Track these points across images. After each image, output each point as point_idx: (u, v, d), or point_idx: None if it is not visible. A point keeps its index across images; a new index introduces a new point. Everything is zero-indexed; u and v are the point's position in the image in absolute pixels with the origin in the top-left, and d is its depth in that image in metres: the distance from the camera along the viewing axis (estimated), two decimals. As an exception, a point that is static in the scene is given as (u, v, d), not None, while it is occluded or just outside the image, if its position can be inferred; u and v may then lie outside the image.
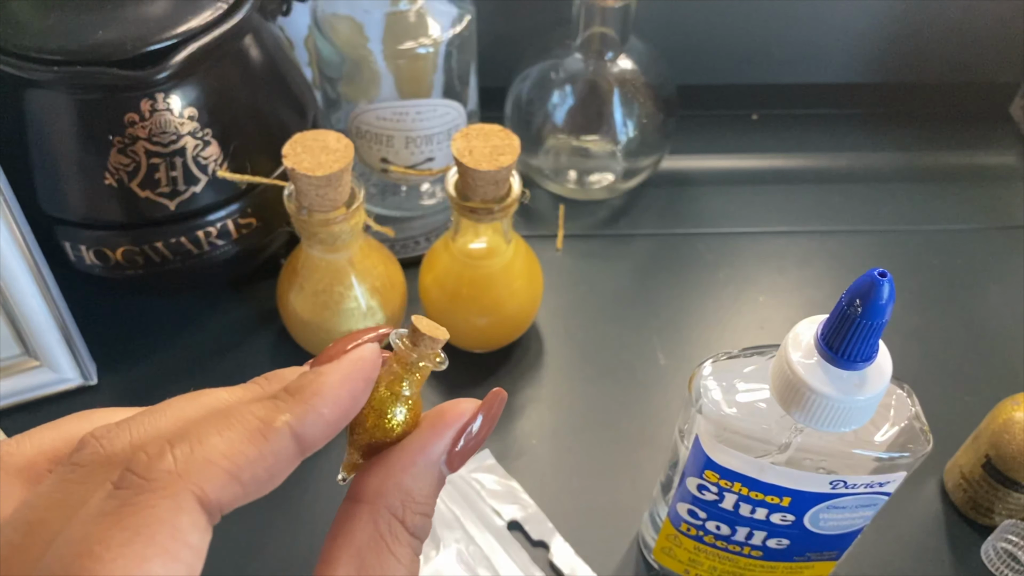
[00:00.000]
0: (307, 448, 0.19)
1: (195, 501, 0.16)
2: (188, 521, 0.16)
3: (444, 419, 0.21)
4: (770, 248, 0.60)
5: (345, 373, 0.19)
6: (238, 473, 0.17)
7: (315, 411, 0.18)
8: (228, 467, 0.17)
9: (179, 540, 0.16)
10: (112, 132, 0.42)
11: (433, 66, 0.53)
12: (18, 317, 0.45)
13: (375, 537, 0.19)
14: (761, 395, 0.32)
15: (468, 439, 0.21)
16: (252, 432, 0.18)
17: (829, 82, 0.72)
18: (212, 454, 0.17)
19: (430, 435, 0.21)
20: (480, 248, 0.47)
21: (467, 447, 0.21)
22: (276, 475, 0.18)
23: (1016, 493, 0.42)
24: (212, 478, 0.17)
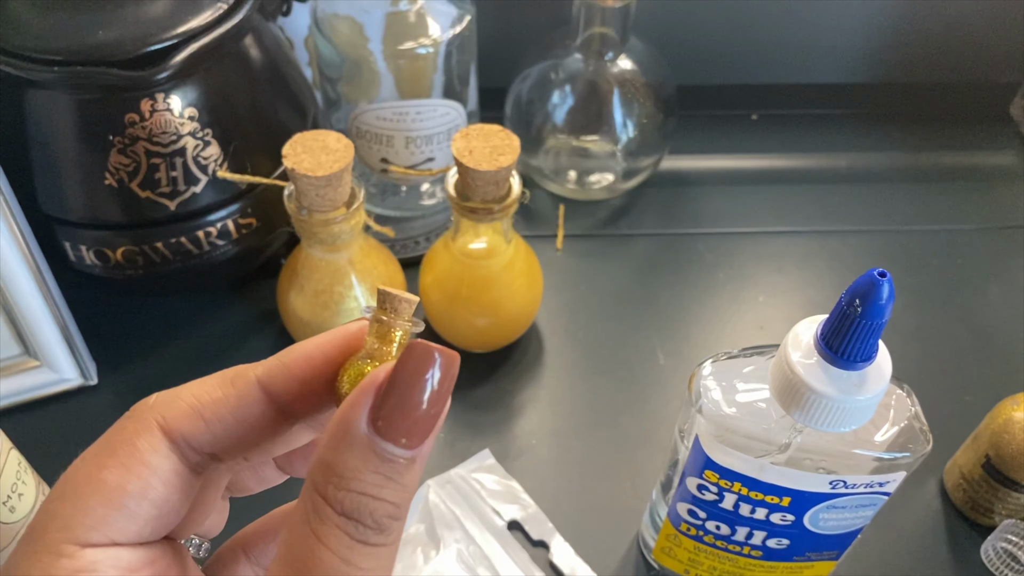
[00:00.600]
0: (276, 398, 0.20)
1: (156, 427, 0.19)
2: (146, 442, 0.19)
3: (360, 385, 0.18)
4: (770, 248, 0.60)
5: (320, 338, 0.20)
6: (201, 409, 0.19)
7: (280, 363, 0.20)
8: (191, 402, 0.19)
9: (135, 457, 0.19)
10: (112, 132, 0.42)
11: (433, 66, 0.53)
12: (18, 317, 0.45)
13: (302, 517, 0.18)
14: (761, 395, 0.32)
15: (394, 399, 0.18)
16: (222, 379, 0.20)
17: (829, 82, 0.72)
18: (182, 393, 0.20)
19: (345, 403, 0.18)
20: (480, 248, 0.47)
21: (396, 410, 0.18)
22: (244, 421, 0.20)
23: (1016, 493, 0.42)
24: (175, 410, 0.19)
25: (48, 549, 0.18)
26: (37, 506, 0.41)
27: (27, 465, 0.41)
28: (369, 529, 0.18)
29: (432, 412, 0.18)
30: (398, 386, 0.18)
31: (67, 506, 0.18)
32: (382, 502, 0.18)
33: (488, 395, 0.51)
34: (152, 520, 0.19)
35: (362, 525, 0.17)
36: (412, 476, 0.18)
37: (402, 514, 0.18)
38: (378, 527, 0.18)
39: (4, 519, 0.39)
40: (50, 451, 0.47)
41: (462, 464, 0.47)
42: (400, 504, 0.18)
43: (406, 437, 0.18)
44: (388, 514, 0.18)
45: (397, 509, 0.18)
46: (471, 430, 0.49)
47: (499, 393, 0.51)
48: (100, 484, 0.19)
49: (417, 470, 0.18)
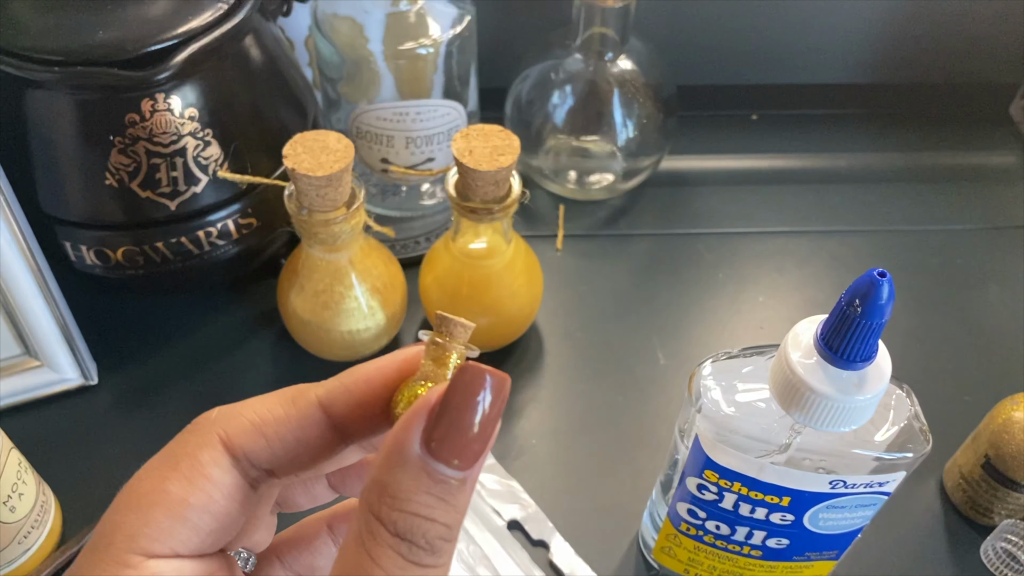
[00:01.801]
0: (335, 419, 0.20)
1: (219, 442, 0.20)
2: (209, 456, 0.19)
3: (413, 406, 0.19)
4: (770, 248, 0.60)
5: (379, 361, 0.20)
6: (262, 426, 0.20)
7: (341, 384, 0.20)
8: (253, 419, 0.20)
9: (198, 470, 0.19)
10: (113, 132, 0.42)
11: (433, 66, 0.53)
12: (19, 317, 0.45)
13: (356, 536, 0.18)
14: (761, 395, 0.32)
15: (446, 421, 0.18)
16: (283, 398, 0.20)
17: (829, 82, 0.72)
18: (244, 410, 0.20)
19: (399, 424, 0.18)
20: (480, 248, 0.47)
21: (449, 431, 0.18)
22: (304, 440, 0.20)
23: (1015, 493, 0.42)
24: (237, 426, 0.20)
25: (113, 559, 0.18)
26: (37, 506, 0.41)
27: (27, 465, 0.41)
28: (422, 550, 0.18)
29: (483, 434, 0.18)
30: (450, 407, 0.18)
31: (131, 517, 0.19)
32: (435, 523, 0.18)
33: (488, 395, 0.51)
34: (212, 533, 0.20)
35: (415, 546, 0.18)
36: (464, 497, 0.18)
37: (453, 535, 0.18)
38: (431, 548, 0.18)
39: (4, 519, 0.39)
40: (50, 451, 0.47)
41: (462, 464, 0.47)
42: (452, 526, 0.18)
43: (458, 458, 0.18)
44: (440, 535, 0.18)
45: (449, 531, 0.18)
46: (471, 430, 0.49)
47: (499, 393, 0.51)
48: (164, 496, 0.19)
49: (468, 491, 0.18)
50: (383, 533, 0.18)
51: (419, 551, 0.18)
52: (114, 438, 0.48)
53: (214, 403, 0.52)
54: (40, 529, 0.42)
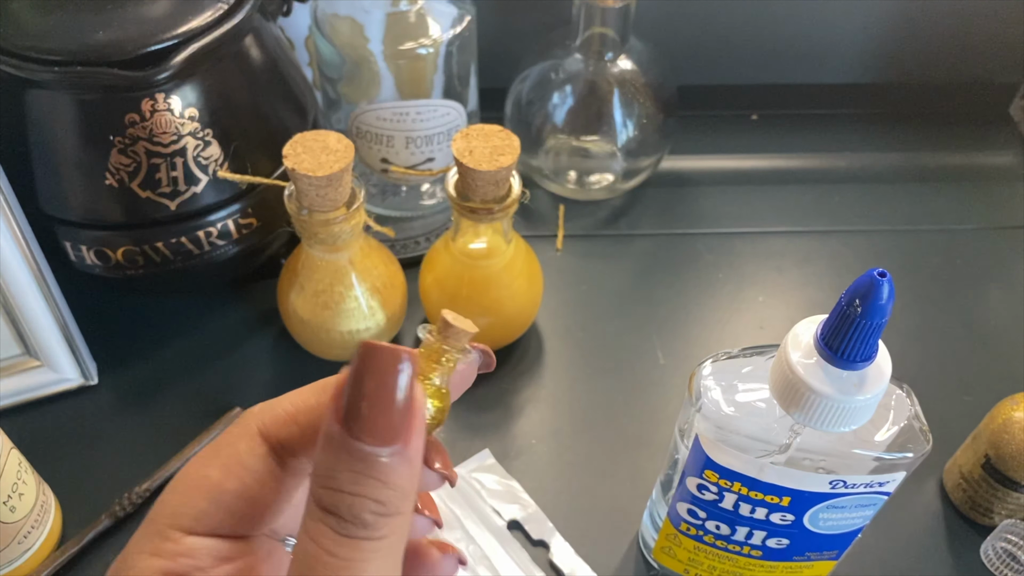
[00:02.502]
0: None
1: (256, 432, 0.21)
2: (245, 445, 0.21)
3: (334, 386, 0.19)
4: (769, 248, 0.60)
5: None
6: (296, 415, 0.21)
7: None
8: (288, 409, 0.21)
9: (235, 459, 0.21)
10: (113, 132, 0.42)
11: (433, 66, 0.53)
12: (19, 317, 0.45)
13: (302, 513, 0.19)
14: (761, 395, 0.32)
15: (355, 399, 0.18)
16: (315, 388, 0.22)
17: (829, 82, 0.72)
18: (283, 401, 0.22)
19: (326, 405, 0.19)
20: (480, 248, 0.47)
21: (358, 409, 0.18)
22: None
23: (1015, 493, 0.42)
24: (274, 416, 0.21)
25: (158, 533, 0.20)
26: (37, 506, 0.41)
27: (27, 465, 0.41)
28: (351, 524, 0.18)
29: (389, 408, 0.18)
30: (355, 386, 0.18)
31: (176, 498, 0.21)
32: (360, 498, 0.18)
33: (488, 395, 0.51)
34: (248, 517, 0.21)
35: (343, 520, 0.18)
36: (398, 475, 0.18)
37: (390, 511, 0.18)
38: (359, 522, 0.18)
39: (4, 519, 0.39)
40: (50, 451, 0.47)
41: (462, 464, 0.47)
42: (385, 501, 0.18)
43: (370, 435, 0.18)
44: (369, 510, 0.18)
45: (381, 506, 0.18)
46: (471, 430, 0.49)
47: (499, 393, 0.51)
48: (204, 480, 0.21)
49: (404, 468, 0.19)
50: (314, 509, 0.18)
51: (347, 525, 0.18)
52: (114, 438, 0.48)
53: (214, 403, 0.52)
54: (40, 529, 0.42)
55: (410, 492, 0.19)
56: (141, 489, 0.45)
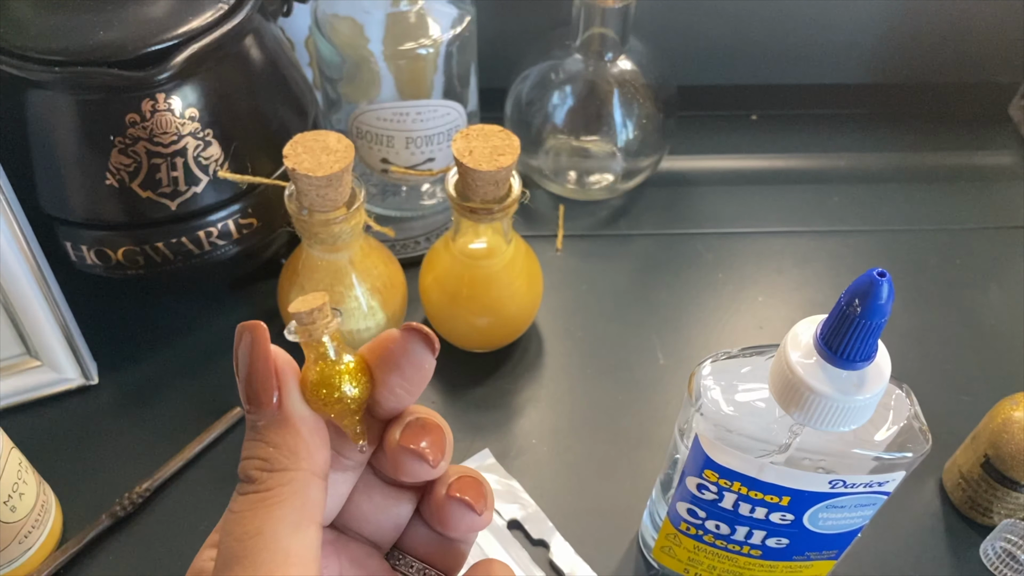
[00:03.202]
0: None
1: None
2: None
3: None
4: (769, 248, 0.60)
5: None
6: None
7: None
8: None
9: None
10: (113, 132, 0.42)
11: (433, 67, 0.53)
12: (19, 317, 0.45)
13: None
14: (760, 395, 0.32)
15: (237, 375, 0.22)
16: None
17: (829, 82, 0.72)
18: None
19: None
20: (480, 248, 0.47)
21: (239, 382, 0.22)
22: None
23: (1015, 492, 0.43)
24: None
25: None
26: (38, 506, 0.41)
27: (28, 465, 0.41)
28: (244, 483, 0.21)
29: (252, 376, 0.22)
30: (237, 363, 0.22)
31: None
32: (250, 459, 0.22)
33: (488, 395, 0.51)
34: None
35: (241, 482, 0.22)
36: (275, 434, 0.21)
37: (275, 466, 0.21)
38: (247, 478, 0.21)
39: (5, 519, 0.39)
40: (51, 451, 0.47)
41: (462, 463, 0.47)
42: (267, 458, 0.21)
43: (248, 403, 0.22)
44: (254, 467, 0.21)
45: (265, 463, 0.21)
46: (471, 430, 0.49)
47: (499, 393, 0.51)
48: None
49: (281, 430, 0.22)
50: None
51: (243, 484, 0.22)
52: (114, 438, 0.48)
53: (214, 403, 0.52)
54: (40, 529, 0.42)
55: (297, 450, 0.21)
56: (141, 489, 0.45)
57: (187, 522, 0.45)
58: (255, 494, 0.21)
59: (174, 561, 0.43)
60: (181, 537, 0.44)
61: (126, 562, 0.43)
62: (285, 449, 0.21)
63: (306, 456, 0.22)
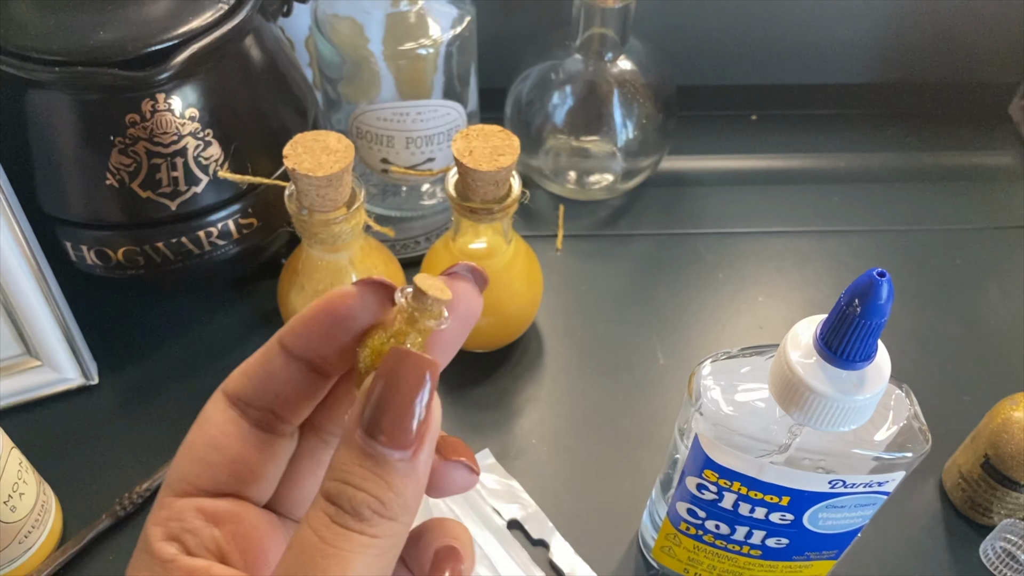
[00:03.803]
0: (295, 355, 0.23)
1: (220, 393, 0.23)
2: (212, 405, 0.23)
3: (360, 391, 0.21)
4: (769, 248, 0.60)
5: (322, 300, 0.22)
6: (246, 369, 0.23)
7: (291, 326, 0.23)
8: (243, 367, 0.23)
9: (204, 417, 0.23)
10: (113, 132, 0.42)
11: (433, 67, 0.53)
12: (19, 317, 0.45)
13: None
14: (760, 395, 0.32)
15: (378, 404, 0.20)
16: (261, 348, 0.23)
17: (828, 82, 0.72)
18: (243, 363, 0.24)
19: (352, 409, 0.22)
20: (480, 248, 0.47)
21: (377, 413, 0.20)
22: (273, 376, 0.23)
23: (1015, 492, 0.43)
24: (232, 376, 0.23)
25: (158, 503, 0.22)
26: (38, 505, 0.41)
27: (28, 465, 0.41)
28: (347, 515, 0.19)
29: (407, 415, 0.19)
30: (380, 391, 0.20)
31: (170, 469, 0.23)
32: (362, 492, 0.19)
33: (488, 395, 0.51)
34: (224, 467, 0.22)
35: (341, 510, 0.19)
36: (403, 481, 0.19)
37: (388, 513, 0.19)
38: (356, 513, 0.19)
39: (5, 518, 0.39)
40: (51, 451, 0.47)
41: (462, 464, 0.47)
42: (385, 502, 0.19)
43: (387, 436, 0.19)
44: (368, 504, 0.19)
45: (381, 505, 0.19)
46: (471, 430, 0.49)
47: (499, 393, 0.51)
48: (184, 445, 0.23)
49: (410, 478, 0.19)
50: (319, 499, 0.20)
51: (346, 516, 0.19)
52: (114, 438, 0.48)
53: (214, 403, 0.51)
54: (41, 529, 0.42)
55: (411, 504, 0.20)
56: (141, 489, 0.45)
57: (187, 522, 0.45)
58: (360, 535, 0.19)
59: (174, 561, 0.43)
60: (181, 537, 0.44)
61: (126, 562, 0.43)
62: (403, 500, 0.19)
63: (413, 511, 0.20)
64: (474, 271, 0.22)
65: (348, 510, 0.19)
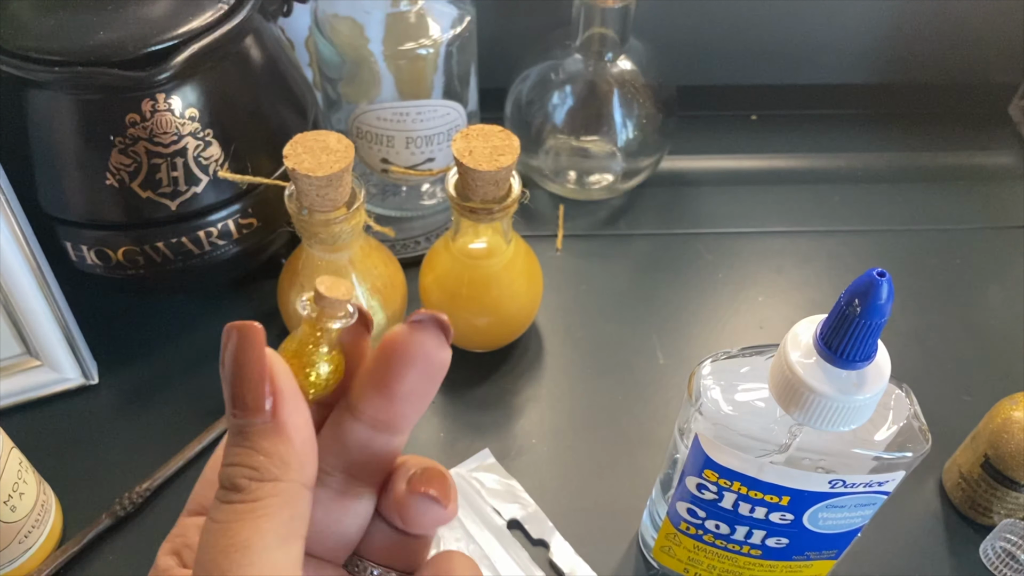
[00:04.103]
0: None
1: None
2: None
3: None
4: (769, 248, 0.60)
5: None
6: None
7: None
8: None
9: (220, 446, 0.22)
10: (113, 132, 0.42)
11: (433, 67, 0.53)
12: (19, 317, 0.45)
13: None
14: (760, 395, 0.32)
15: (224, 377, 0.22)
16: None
17: (829, 82, 0.72)
18: None
19: None
20: (480, 248, 0.47)
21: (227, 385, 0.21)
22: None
23: (1015, 492, 0.43)
24: None
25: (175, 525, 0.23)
26: (38, 505, 0.41)
27: (28, 465, 0.41)
28: (228, 491, 0.20)
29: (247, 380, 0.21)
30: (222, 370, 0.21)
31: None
32: (236, 466, 0.20)
33: (488, 395, 0.51)
34: None
35: (224, 488, 0.20)
36: (268, 442, 0.20)
37: (264, 476, 0.20)
38: (234, 486, 0.20)
39: (5, 518, 0.39)
40: (51, 451, 0.47)
41: (462, 463, 0.47)
42: (257, 466, 0.20)
43: (238, 407, 0.20)
44: (242, 474, 0.20)
45: (254, 471, 0.20)
46: (471, 430, 0.49)
47: (499, 393, 0.51)
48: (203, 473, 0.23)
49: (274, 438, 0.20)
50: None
51: (228, 492, 0.20)
52: (114, 438, 0.48)
53: (214, 403, 0.52)
54: (41, 529, 0.42)
55: (289, 460, 0.20)
56: (141, 489, 0.45)
57: (187, 522, 0.45)
58: (242, 504, 0.20)
59: (174, 561, 0.43)
60: (181, 537, 0.44)
61: (126, 562, 0.43)
62: (276, 458, 0.20)
63: (297, 467, 0.20)
64: (437, 320, 0.21)
65: (228, 486, 0.20)
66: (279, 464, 0.20)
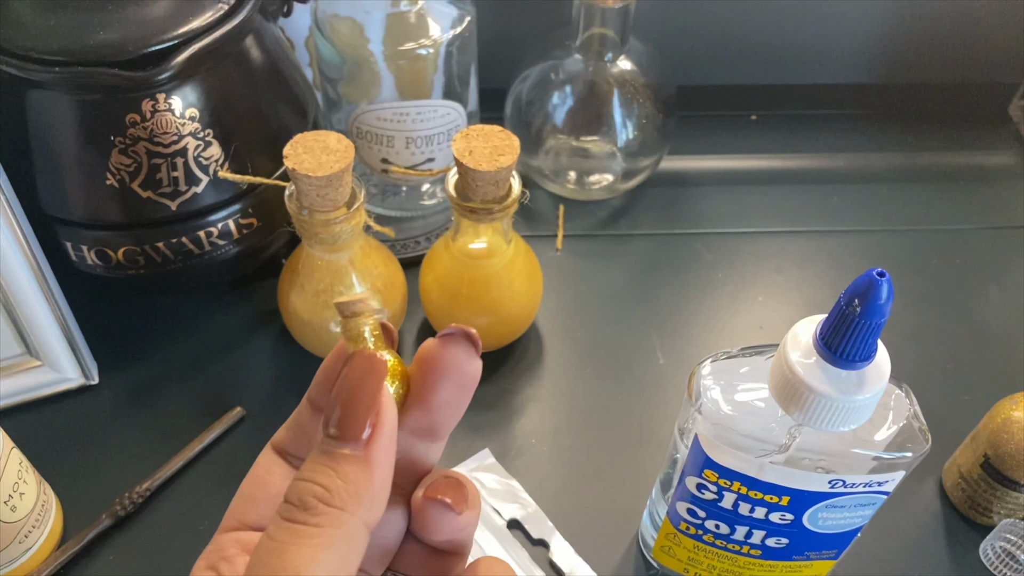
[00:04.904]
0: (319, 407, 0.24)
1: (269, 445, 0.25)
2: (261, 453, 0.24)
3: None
4: (769, 248, 0.60)
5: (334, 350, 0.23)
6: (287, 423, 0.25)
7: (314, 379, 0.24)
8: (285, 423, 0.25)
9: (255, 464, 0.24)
10: (113, 132, 0.42)
11: (433, 67, 0.53)
12: (19, 317, 0.45)
13: None
14: (760, 395, 0.32)
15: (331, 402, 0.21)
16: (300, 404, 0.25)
17: (828, 82, 0.72)
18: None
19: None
20: (480, 248, 0.47)
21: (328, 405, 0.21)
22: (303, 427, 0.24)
23: (1014, 492, 0.43)
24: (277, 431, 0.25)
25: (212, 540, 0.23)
26: (38, 505, 0.41)
27: (28, 465, 0.42)
28: (294, 507, 0.19)
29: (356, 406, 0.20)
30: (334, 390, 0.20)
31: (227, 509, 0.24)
32: (310, 483, 0.19)
33: (488, 395, 0.51)
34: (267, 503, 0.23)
35: (291, 505, 0.19)
36: (351, 469, 0.19)
37: (334, 501, 0.19)
38: (302, 504, 0.19)
39: (5, 518, 0.39)
40: (51, 451, 0.47)
41: (462, 463, 0.47)
42: (331, 488, 0.19)
43: (337, 429, 0.20)
44: (313, 493, 0.19)
45: (326, 492, 0.19)
46: (471, 430, 0.49)
47: (499, 393, 0.51)
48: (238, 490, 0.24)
49: (358, 467, 0.20)
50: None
51: (292, 509, 0.19)
52: (114, 438, 0.48)
53: (214, 403, 0.52)
54: (41, 529, 0.42)
55: (362, 495, 0.19)
56: (141, 489, 0.45)
57: (187, 522, 0.45)
58: (303, 527, 0.19)
59: (174, 561, 0.43)
60: (181, 537, 0.44)
61: (126, 562, 0.43)
62: (352, 488, 0.19)
63: (368, 504, 0.20)
64: (467, 334, 0.22)
65: (296, 503, 0.19)
66: (352, 494, 0.19)
